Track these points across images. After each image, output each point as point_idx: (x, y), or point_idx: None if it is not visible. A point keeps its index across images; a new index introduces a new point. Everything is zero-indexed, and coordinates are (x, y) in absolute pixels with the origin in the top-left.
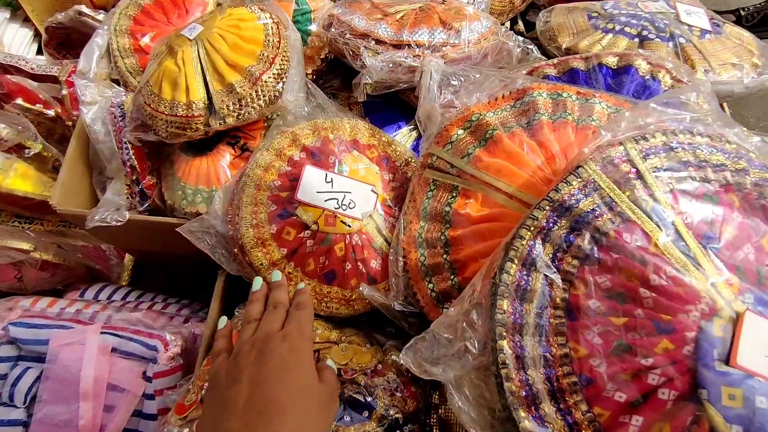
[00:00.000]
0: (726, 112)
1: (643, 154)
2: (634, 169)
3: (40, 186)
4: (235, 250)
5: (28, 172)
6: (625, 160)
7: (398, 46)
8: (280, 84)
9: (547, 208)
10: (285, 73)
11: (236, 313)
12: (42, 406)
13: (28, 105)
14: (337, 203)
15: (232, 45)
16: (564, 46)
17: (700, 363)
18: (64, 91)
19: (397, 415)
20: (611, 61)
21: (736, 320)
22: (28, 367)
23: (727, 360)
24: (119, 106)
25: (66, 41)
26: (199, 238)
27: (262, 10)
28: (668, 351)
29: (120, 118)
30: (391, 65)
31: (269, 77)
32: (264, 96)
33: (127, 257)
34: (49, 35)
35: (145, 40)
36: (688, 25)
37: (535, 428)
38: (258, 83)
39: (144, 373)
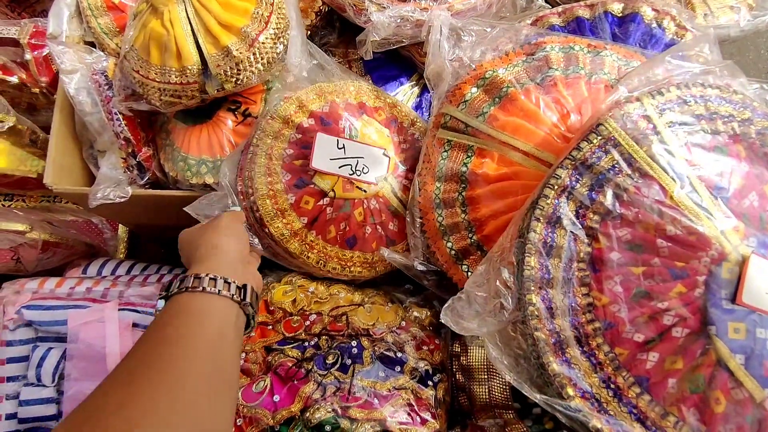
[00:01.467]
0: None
1: (660, 109)
2: (651, 125)
3: (16, 161)
4: (252, 222)
5: (2, 147)
6: (642, 116)
7: (404, 0)
8: (280, 45)
9: (570, 166)
10: (282, 32)
11: None
12: (72, 383)
13: None
14: (351, 169)
15: (223, 3)
16: None
17: (709, 303)
18: (28, 56)
19: (426, 367)
20: (616, 8)
21: (742, 263)
22: (50, 348)
23: (733, 299)
24: (102, 73)
25: None
26: (208, 217)
27: None
28: (681, 294)
29: (106, 87)
30: (398, 21)
31: (266, 38)
32: (263, 59)
33: (121, 230)
34: None
35: None
36: None
37: (563, 370)
38: (255, 45)
39: None
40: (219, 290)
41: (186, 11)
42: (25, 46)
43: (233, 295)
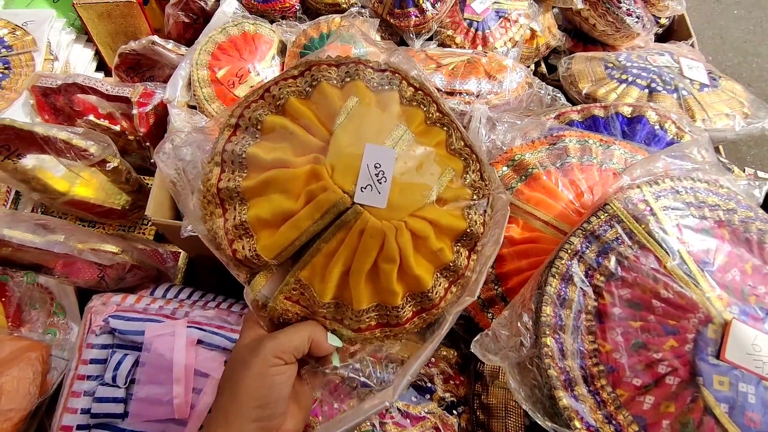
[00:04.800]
0: (721, 152)
1: (656, 195)
2: (648, 208)
3: (101, 193)
4: None
5: (92, 181)
6: (641, 200)
7: (451, 94)
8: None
9: (581, 235)
10: None
11: None
12: (141, 386)
13: (96, 121)
14: None
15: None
16: (584, 91)
17: (697, 357)
18: (135, 111)
19: (452, 398)
20: (626, 110)
21: (725, 326)
22: (126, 354)
23: (717, 355)
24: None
25: (135, 66)
26: None
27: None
28: (674, 348)
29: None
30: None
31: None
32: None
33: (181, 261)
34: (121, 60)
35: (221, 73)
36: (690, 79)
37: (572, 404)
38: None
39: (225, 361)
40: None
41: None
42: (134, 104)
43: None
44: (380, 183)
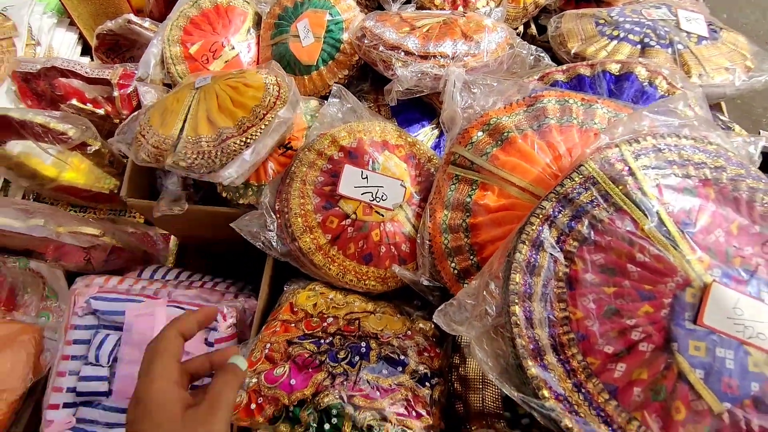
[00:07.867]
0: (724, 111)
1: (635, 154)
2: (626, 167)
3: (91, 178)
4: (284, 236)
5: (80, 166)
6: (619, 160)
7: (425, 57)
8: (245, 152)
9: (554, 199)
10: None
11: (285, 289)
12: (124, 366)
13: (80, 105)
14: (372, 196)
15: (220, 103)
16: (573, 51)
17: (673, 323)
18: (116, 93)
19: (425, 371)
20: (614, 68)
21: (704, 289)
22: (108, 334)
23: (694, 320)
24: None
25: (114, 47)
26: (253, 234)
27: (275, 84)
28: (648, 314)
29: None
30: (419, 75)
31: (234, 142)
32: (219, 159)
33: (172, 243)
34: (99, 41)
35: (194, 49)
36: (687, 32)
37: (540, 373)
38: (221, 145)
39: (206, 339)
40: None
41: (192, 99)
42: (114, 86)
43: None
44: (205, 80)
